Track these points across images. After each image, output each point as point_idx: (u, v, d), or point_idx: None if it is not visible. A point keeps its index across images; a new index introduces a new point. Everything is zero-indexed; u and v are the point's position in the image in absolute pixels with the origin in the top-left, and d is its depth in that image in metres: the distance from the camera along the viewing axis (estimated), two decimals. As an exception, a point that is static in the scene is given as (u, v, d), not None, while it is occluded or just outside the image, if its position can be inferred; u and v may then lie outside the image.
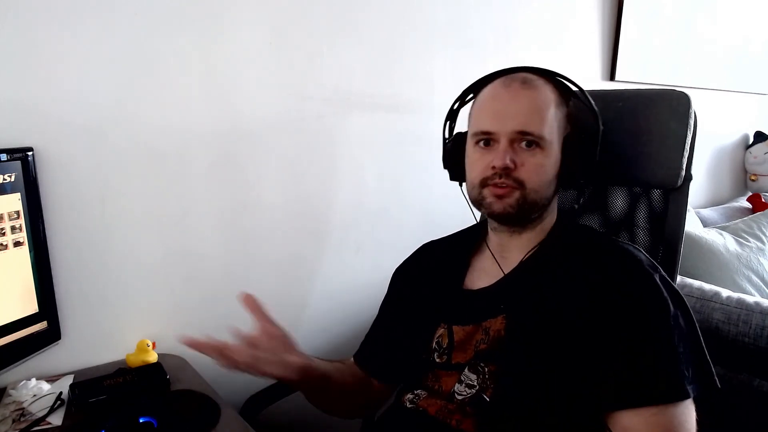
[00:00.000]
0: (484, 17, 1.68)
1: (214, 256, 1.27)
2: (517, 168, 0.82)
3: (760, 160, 2.94)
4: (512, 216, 0.85)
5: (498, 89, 0.87)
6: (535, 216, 0.87)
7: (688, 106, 0.93)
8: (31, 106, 1.01)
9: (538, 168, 0.83)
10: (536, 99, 0.84)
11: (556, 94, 0.86)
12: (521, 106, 0.83)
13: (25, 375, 1.03)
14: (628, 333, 0.76)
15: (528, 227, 0.89)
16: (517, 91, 0.84)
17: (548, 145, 0.83)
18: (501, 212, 0.84)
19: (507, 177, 0.82)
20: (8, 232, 0.92)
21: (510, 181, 0.82)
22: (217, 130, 1.23)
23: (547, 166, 0.84)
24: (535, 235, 0.90)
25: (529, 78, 0.86)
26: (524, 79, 0.85)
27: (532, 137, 0.82)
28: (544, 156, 0.83)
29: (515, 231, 0.90)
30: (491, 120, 0.85)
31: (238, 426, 0.94)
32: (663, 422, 0.73)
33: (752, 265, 2.03)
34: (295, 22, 1.31)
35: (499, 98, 0.86)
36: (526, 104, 0.83)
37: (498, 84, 0.87)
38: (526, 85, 0.85)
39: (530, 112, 0.83)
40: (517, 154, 0.82)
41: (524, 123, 0.82)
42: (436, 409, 0.85)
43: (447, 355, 0.89)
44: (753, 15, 2.87)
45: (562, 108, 0.87)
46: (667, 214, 1.00)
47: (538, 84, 0.85)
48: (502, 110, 0.84)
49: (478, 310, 0.88)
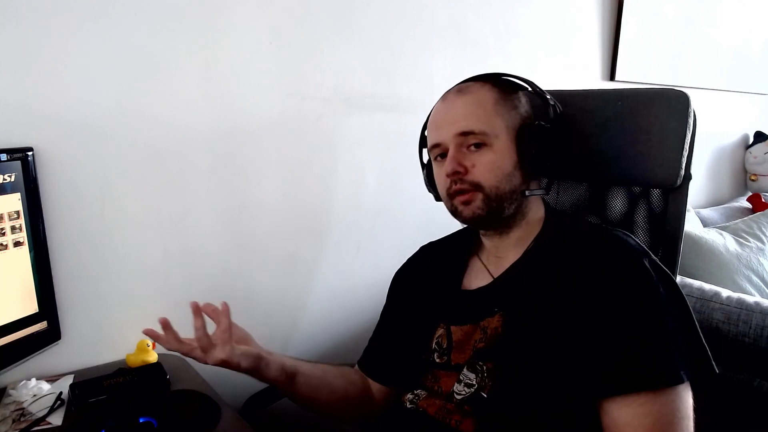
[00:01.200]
0: (484, 17, 1.68)
1: (214, 256, 1.27)
2: (469, 171, 0.84)
3: (760, 160, 2.94)
4: (484, 218, 0.86)
5: (438, 104, 0.92)
6: (511, 211, 0.87)
7: (688, 105, 0.93)
8: (31, 106, 1.01)
9: (491, 165, 0.84)
10: (472, 101, 0.86)
11: (497, 92, 0.87)
12: (457, 110, 0.87)
13: (25, 375, 1.03)
14: (618, 319, 0.76)
15: (511, 224, 0.89)
16: (452, 99, 0.89)
17: (495, 140, 0.84)
18: (472, 217, 0.86)
19: (462, 182, 0.84)
20: (8, 232, 0.92)
21: (466, 185, 0.84)
22: (217, 130, 1.23)
23: (500, 161, 0.85)
24: (524, 231, 0.90)
25: (465, 85, 0.90)
26: (459, 88, 0.90)
27: (474, 135, 0.84)
28: (494, 152, 0.84)
29: (502, 231, 0.90)
30: (435, 132, 0.89)
31: (238, 426, 0.94)
32: (656, 409, 0.72)
33: (752, 265, 2.02)
34: (295, 22, 1.31)
35: (438, 111, 0.91)
36: (462, 107, 0.86)
37: (438, 100, 0.92)
38: (461, 92, 0.88)
39: (467, 113, 0.85)
40: (466, 157, 0.85)
41: (462, 125, 0.84)
42: (436, 409, 0.85)
43: (447, 355, 0.89)
44: (753, 15, 2.87)
45: (507, 102, 0.87)
46: (666, 213, 1.00)
47: (474, 88, 0.88)
48: (442, 120, 0.88)
49: (475, 309, 0.89)
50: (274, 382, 0.88)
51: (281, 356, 0.90)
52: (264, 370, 0.85)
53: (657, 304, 0.76)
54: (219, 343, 0.79)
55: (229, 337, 0.80)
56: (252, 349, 0.84)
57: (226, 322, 0.81)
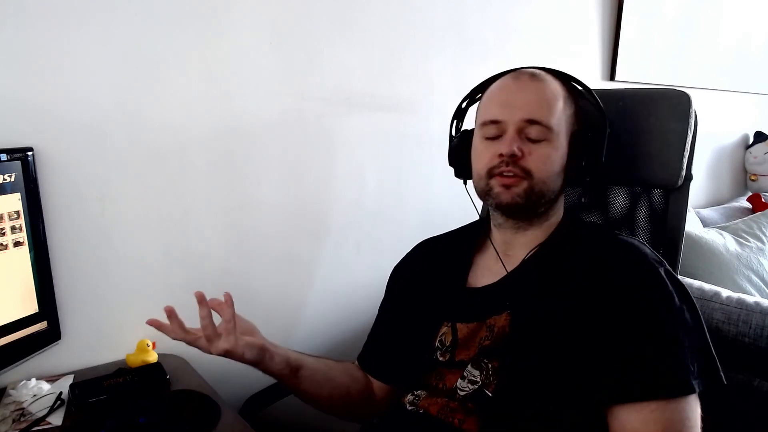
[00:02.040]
0: (484, 17, 1.68)
1: (214, 256, 1.27)
2: (524, 157, 0.82)
3: (760, 160, 2.94)
4: (520, 206, 0.84)
5: (507, 81, 0.88)
6: (542, 210, 0.87)
7: (689, 105, 0.93)
8: (31, 106, 1.01)
9: (546, 158, 0.83)
10: (545, 90, 0.85)
11: (565, 91, 0.87)
12: (530, 95, 0.84)
13: (25, 375, 1.03)
14: (632, 327, 0.76)
15: (534, 223, 0.89)
16: (525, 82, 0.86)
17: (556, 137, 0.84)
18: (509, 202, 0.84)
19: (514, 165, 0.82)
20: (8, 232, 0.92)
21: (517, 170, 0.82)
22: (217, 129, 1.23)
23: (554, 158, 0.84)
24: (541, 232, 0.90)
25: (539, 72, 0.88)
26: (533, 73, 0.87)
27: (540, 126, 0.82)
28: (552, 147, 0.83)
29: (521, 227, 0.89)
30: (499, 109, 0.85)
31: (238, 426, 0.94)
32: (666, 417, 0.72)
33: (752, 265, 2.02)
34: (295, 22, 1.31)
35: (507, 89, 0.87)
36: (535, 94, 0.84)
37: (507, 77, 0.89)
38: (535, 78, 0.86)
39: (539, 101, 0.84)
40: (525, 144, 0.83)
41: (532, 112, 0.82)
42: (438, 409, 0.85)
43: (450, 352, 0.89)
44: (753, 15, 2.87)
45: (570, 105, 0.87)
46: (667, 213, 1.00)
47: (547, 78, 0.87)
48: (510, 99, 0.85)
49: (482, 307, 0.88)
50: (278, 375, 0.87)
51: (286, 349, 0.89)
52: (268, 362, 0.84)
53: (672, 314, 0.76)
54: (224, 333, 0.78)
55: (234, 328, 0.79)
56: (256, 341, 0.83)
57: (230, 312, 0.80)
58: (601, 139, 0.87)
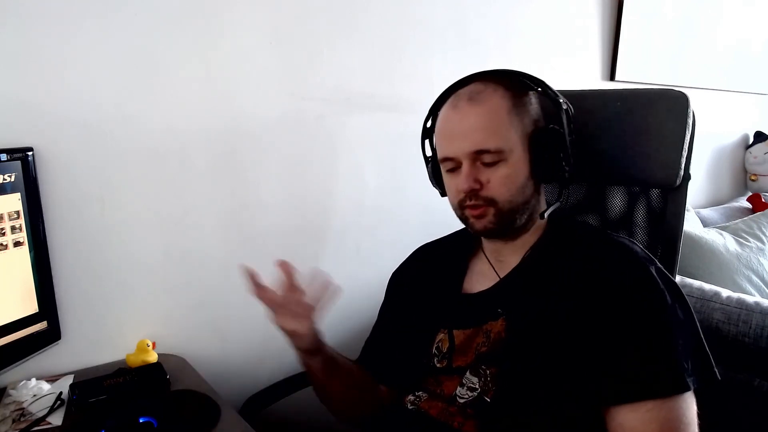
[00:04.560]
0: (484, 17, 1.68)
1: (214, 256, 1.27)
2: (484, 186, 0.83)
3: (760, 160, 2.94)
4: (495, 230, 0.86)
5: (447, 112, 0.87)
6: (522, 222, 0.87)
7: (687, 106, 0.93)
8: (31, 106, 1.01)
9: (505, 180, 0.83)
10: (485, 113, 0.83)
11: (509, 98, 0.84)
12: (471, 124, 0.83)
13: (25, 375, 1.03)
14: (625, 326, 0.76)
15: (521, 232, 0.89)
16: (464, 110, 0.84)
17: (510, 154, 0.82)
18: (482, 230, 0.86)
19: (476, 198, 0.83)
20: (8, 232, 0.92)
21: (481, 201, 0.83)
22: (217, 130, 1.23)
23: (514, 175, 0.83)
24: (530, 236, 0.90)
25: (476, 91, 0.84)
26: (470, 96, 0.84)
27: (490, 153, 0.82)
28: (508, 167, 0.82)
29: (509, 238, 0.90)
30: (447, 145, 0.86)
31: (238, 426, 0.94)
32: (662, 416, 0.72)
33: (752, 265, 2.02)
34: (295, 22, 1.31)
35: (450, 120, 0.86)
36: (476, 122, 0.82)
37: (447, 106, 0.87)
38: (473, 102, 0.83)
39: (481, 128, 0.82)
40: (481, 172, 0.83)
41: (478, 142, 0.82)
42: (438, 411, 0.85)
43: (447, 359, 0.89)
44: (753, 15, 2.87)
45: (520, 109, 0.84)
46: (665, 213, 1.00)
47: (486, 95, 0.83)
48: (454, 133, 0.85)
49: (478, 313, 0.88)
50: (316, 370, 0.89)
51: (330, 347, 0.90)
52: (322, 351, 0.87)
53: (664, 312, 0.76)
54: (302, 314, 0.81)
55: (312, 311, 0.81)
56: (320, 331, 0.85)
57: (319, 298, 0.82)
58: (561, 129, 0.84)
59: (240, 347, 1.34)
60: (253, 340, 1.36)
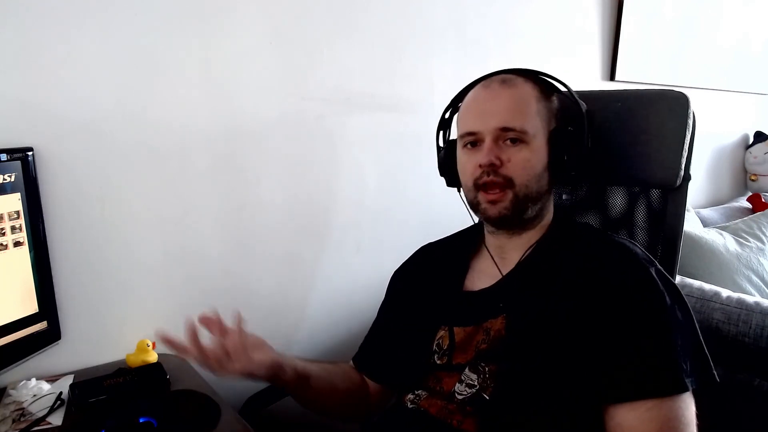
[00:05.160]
0: (484, 17, 1.68)
1: (214, 256, 1.27)
2: (504, 164, 0.83)
3: (760, 160, 2.94)
4: (508, 218, 0.86)
5: (478, 91, 0.89)
6: (532, 214, 0.87)
7: (687, 106, 0.93)
8: (31, 106, 1.01)
9: (525, 162, 0.84)
10: (516, 95, 0.86)
11: (538, 90, 0.87)
12: (501, 103, 0.85)
13: (25, 375, 1.03)
14: (624, 326, 0.76)
15: (527, 227, 0.90)
16: (496, 90, 0.87)
17: (532, 139, 0.84)
18: (497, 216, 0.86)
19: (495, 174, 0.83)
20: (8, 232, 0.92)
21: (499, 179, 0.83)
22: (218, 129, 1.23)
23: (534, 160, 0.85)
24: (534, 234, 0.90)
25: (509, 77, 0.88)
26: (503, 79, 0.88)
27: (515, 132, 0.83)
28: (530, 150, 0.84)
29: (514, 232, 0.90)
30: (474, 120, 0.87)
31: (238, 426, 0.94)
32: (660, 416, 0.72)
33: (752, 265, 2.02)
34: (295, 22, 1.31)
35: (479, 99, 0.88)
36: (506, 101, 0.85)
37: (479, 87, 0.90)
38: (506, 84, 0.87)
39: (511, 108, 0.84)
40: (503, 151, 0.84)
41: (505, 119, 0.84)
42: (437, 409, 0.86)
43: (448, 356, 0.89)
44: (753, 15, 2.87)
45: (546, 103, 0.88)
46: (666, 213, 1.00)
47: (518, 82, 0.87)
48: (483, 109, 0.87)
49: (478, 311, 0.89)
50: (287, 387, 0.87)
51: (293, 358, 0.88)
52: (281, 376, 0.84)
53: (663, 313, 0.77)
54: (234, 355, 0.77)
55: (244, 348, 0.78)
56: (266, 357, 0.81)
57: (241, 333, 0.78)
58: (581, 132, 0.87)
59: (240, 347, 1.34)
60: (253, 340, 1.36)
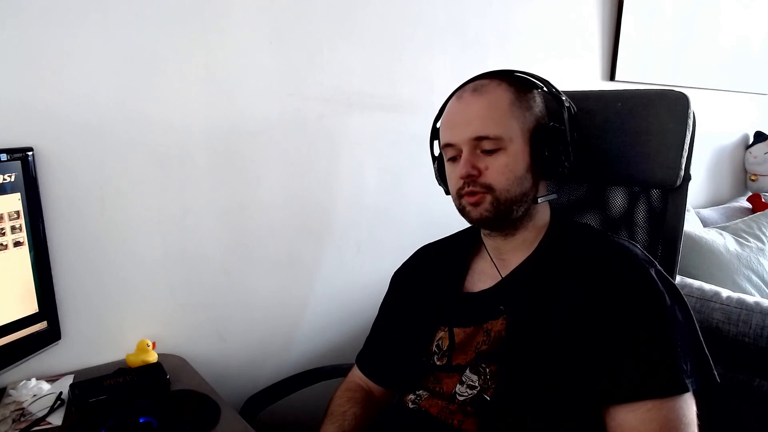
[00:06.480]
0: (484, 17, 1.68)
1: (215, 256, 1.27)
2: (482, 173, 0.84)
3: (760, 160, 2.94)
4: (491, 220, 0.86)
5: (453, 103, 0.90)
6: (519, 214, 0.87)
7: (687, 106, 0.93)
8: (31, 106, 1.01)
9: (503, 168, 0.84)
10: (486, 102, 0.85)
11: (513, 92, 0.86)
12: (473, 112, 0.85)
13: (25, 375, 1.03)
14: (625, 327, 0.76)
15: (519, 227, 0.89)
16: (467, 99, 0.87)
17: (509, 143, 0.84)
18: (479, 218, 0.86)
19: (475, 184, 0.84)
20: (8, 232, 0.92)
21: (478, 188, 0.84)
22: (218, 129, 1.23)
23: (513, 164, 0.84)
24: (530, 234, 0.90)
25: (481, 84, 0.88)
26: (475, 87, 0.88)
27: (490, 140, 0.83)
28: (507, 155, 0.84)
29: (508, 233, 0.90)
30: (450, 133, 0.88)
31: (238, 426, 0.94)
32: (661, 416, 0.72)
33: (752, 265, 2.03)
34: (295, 22, 1.31)
35: (453, 111, 0.89)
36: (478, 109, 0.85)
37: (453, 98, 0.90)
38: (477, 93, 0.87)
39: (483, 116, 0.84)
40: (480, 160, 0.84)
41: (478, 129, 0.84)
42: (438, 410, 0.86)
43: (447, 357, 0.89)
44: (753, 15, 2.87)
45: (523, 103, 0.87)
46: (666, 213, 1.00)
47: (490, 87, 0.86)
48: (456, 121, 0.87)
49: (479, 312, 0.89)
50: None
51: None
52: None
53: (663, 313, 0.77)
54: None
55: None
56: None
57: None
58: (566, 127, 0.86)
59: (240, 347, 1.34)
60: (253, 340, 1.36)
